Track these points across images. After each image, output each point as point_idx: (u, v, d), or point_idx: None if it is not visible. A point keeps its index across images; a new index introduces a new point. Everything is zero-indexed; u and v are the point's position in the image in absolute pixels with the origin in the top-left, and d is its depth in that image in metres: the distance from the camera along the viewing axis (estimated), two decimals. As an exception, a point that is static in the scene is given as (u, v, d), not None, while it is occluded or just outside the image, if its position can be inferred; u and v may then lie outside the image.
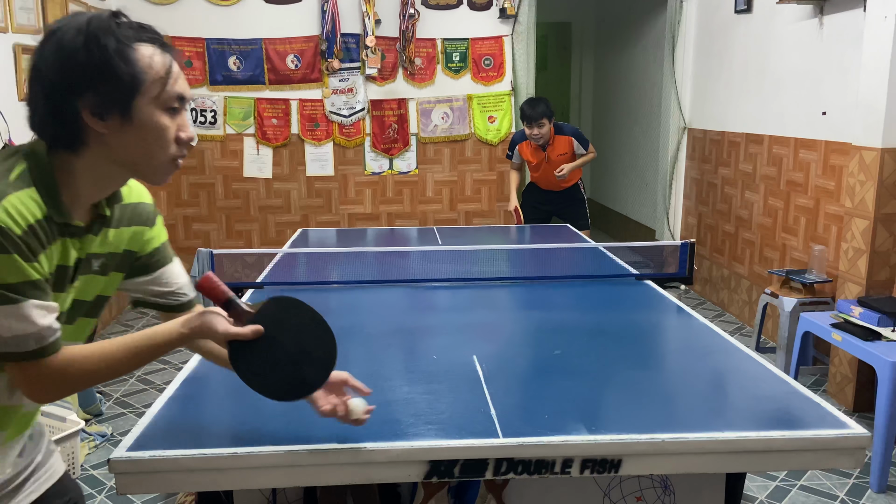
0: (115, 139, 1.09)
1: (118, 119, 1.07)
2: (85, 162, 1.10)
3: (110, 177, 1.15)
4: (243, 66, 5.46)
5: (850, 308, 3.14)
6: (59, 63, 1.04)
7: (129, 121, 1.08)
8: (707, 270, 5.35)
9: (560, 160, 4.55)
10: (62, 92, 1.05)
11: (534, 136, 4.47)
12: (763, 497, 2.70)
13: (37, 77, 1.07)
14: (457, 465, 1.37)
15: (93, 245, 1.18)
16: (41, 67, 1.06)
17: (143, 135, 1.10)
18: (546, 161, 4.58)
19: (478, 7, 5.57)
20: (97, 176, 1.13)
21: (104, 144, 1.09)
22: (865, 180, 3.27)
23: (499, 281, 2.83)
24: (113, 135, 1.08)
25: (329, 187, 5.71)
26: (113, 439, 3.20)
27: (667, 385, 1.75)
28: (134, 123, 1.08)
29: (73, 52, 1.04)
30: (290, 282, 2.80)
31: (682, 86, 5.63)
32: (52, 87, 1.05)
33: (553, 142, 4.54)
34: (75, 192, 1.12)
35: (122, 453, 1.34)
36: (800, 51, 4.06)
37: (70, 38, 1.04)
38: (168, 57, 1.11)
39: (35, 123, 1.09)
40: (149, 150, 1.11)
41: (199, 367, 1.81)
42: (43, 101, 1.07)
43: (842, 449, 1.42)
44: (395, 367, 1.83)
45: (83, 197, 1.13)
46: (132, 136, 1.09)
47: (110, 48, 1.05)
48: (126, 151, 1.10)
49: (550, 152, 4.56)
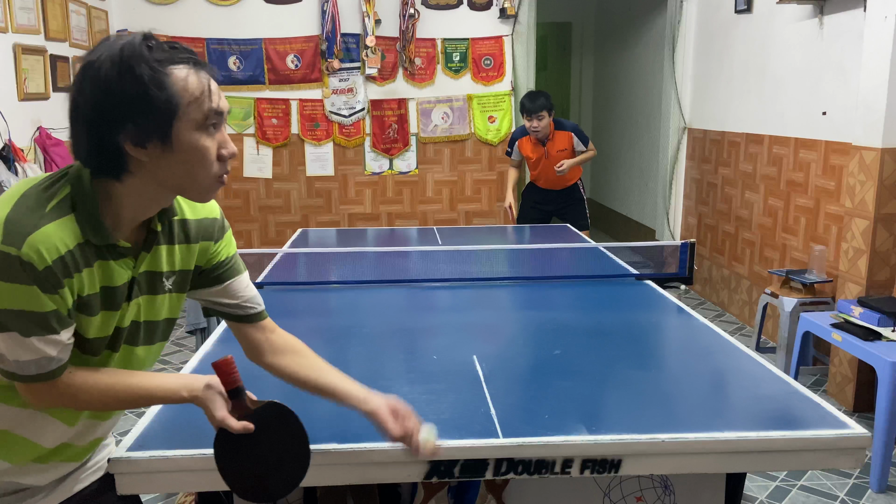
0: (158, 165, 1.09)
1: (159, 146, 1.07)
2: (129, 188, 1.11)
3: (155, 198, 1.15)
4: (243, 66, 5.47)
5: (850, 308, 3.14)
6: (95, 97, 1.04)
7: (170, 146, 1.07)
8: (707, 270, 5.35)
9: (560, 156, 4.53)
10: (102, 126, 1.05)
11: (533, 129, 4.45)
12: (763, 497, 2.70)
13: (76, 112, 1.06)
14: (457, 466, 1.37)
15: (146, 262, 1.19)
16: (80, 102, 1.06)
17: (186, 158, 1.09)
18: (545, 157, 4.57)
19: (478, 7, 5.57)
20: (142, 199, 1.13)
21: (147, 170, 1.09)
22: (865, 180, 3.27)
23: (499, 281, 2.83)
24: (155, 161, 1.08)
25: (329, 187, 5.71)
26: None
27: (667, 385, 1.75)
28: (175, 148, 1.08)
29: (108, 85, 1.03)
30: (290, 282, 2.80)
31: (682, 86, 5.63)
32: (92, 122, 1.05)
33: (553, 137, 4.53)
34: (119, 214, 1.13)
35: (122, 453, 1.34)
36: (800, 51, 4.06)
37: (105, 71, 1.03)
38: (204, 75, 1.10)
39: (79, 154, 1.10)
40: (192, 172, 1.11)
41: (199, 367, 1.81)
42: (85, 135, 1.07)
43: (842, 449, 1.41)
44: (395, 367, 1.83)
45: (127, 219, 1.14)
46: (174, 161, 1.09)
47: (145, 77, 1.03)
48: (170, 175, 1.10)
49: (550, 147, 4.54)
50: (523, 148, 4.69)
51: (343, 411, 1.55)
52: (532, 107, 4.41)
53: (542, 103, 4.41)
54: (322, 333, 2.19)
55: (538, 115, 4.41)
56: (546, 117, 4.43)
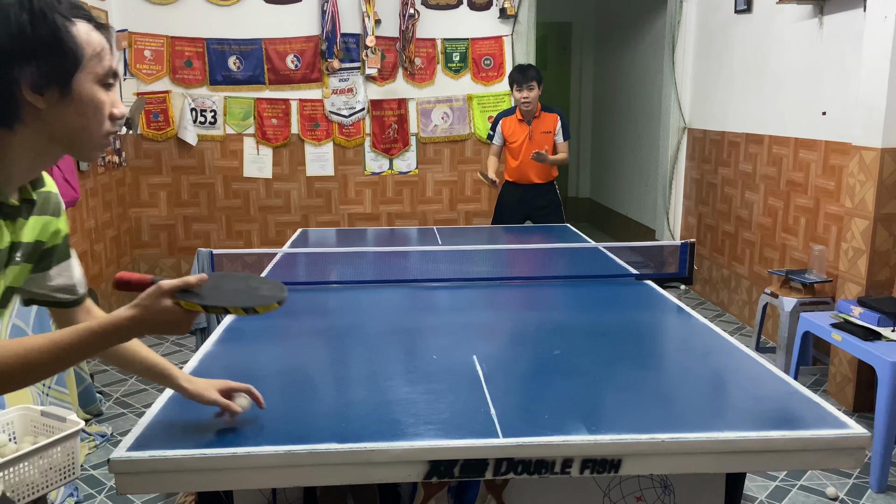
0: (53, 114, 1.09)
1: (57, 94, 1.07)
2: (20, 139, 1.09)
3: (45, 154, 1.14)
4: (243, 66, 5.46)
5: (850, 308, 3.14)
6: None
7: (69, 96, 1.08)
8: (707, 270, 5.35)
9: (543, 139, 4.50)
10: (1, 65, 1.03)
11: (524, 100, 4.46)
12: (763, 497, 2.70)
13: None
14: (457, 465, 1.37)
15: (23, 229, 1.17)
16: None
17: (82, 109, 1.10)
18: (529, 138, 4.53)
19: (478, 7, 5.57)
20: (33, 153, 1.12)
21: (41, 120, 1.08)
22: (865, 180, 3.27)
23: (499, 281, 2.83)
24: (51, 109, 1.08)
25: (329, 187, 5.71)
26: (113, 439, 3.20)
27: (667, 385, 1.75)
28: (73, 98, 1.09)
29: (17, 27, 1.02)
30: (291, 282, 2.80)
31: (682, 86, 5.63)
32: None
33: (539, 115, 4.54)
34: (9, 171, 1.11)
35: (122, 453, 1.34)
36: (800, 51, 4.06)
37: (14, 13, 1.02)
38: (104, 34, 1.13)
39: None
40: (87, 125, 1.12)
41: (199, 367, 1.81)
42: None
43: (842, 449, 1.41)
44: (395, 367, 1.83)
45: (16, 176, 1.12)
46: (71, 111, 1.09)
47: (57, 23, 1.05)
48: (64, 126, 1.10)
49: (535, 127, 4.52)
50: (507, 128, 4.63)
51: (343, 411, 1.55)
52: (523, 77, 4.44)
53: (532, 74, 4.45)
54: (322, 333, 2.19)
55: (528, 86, 4.44)
56: (536, 88, 4.46)
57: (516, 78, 4.49)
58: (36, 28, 1.03)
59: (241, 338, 2.08)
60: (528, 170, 4.62)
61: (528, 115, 4.53)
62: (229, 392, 1.45)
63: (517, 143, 4.60)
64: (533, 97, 4.45)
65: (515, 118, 4.60)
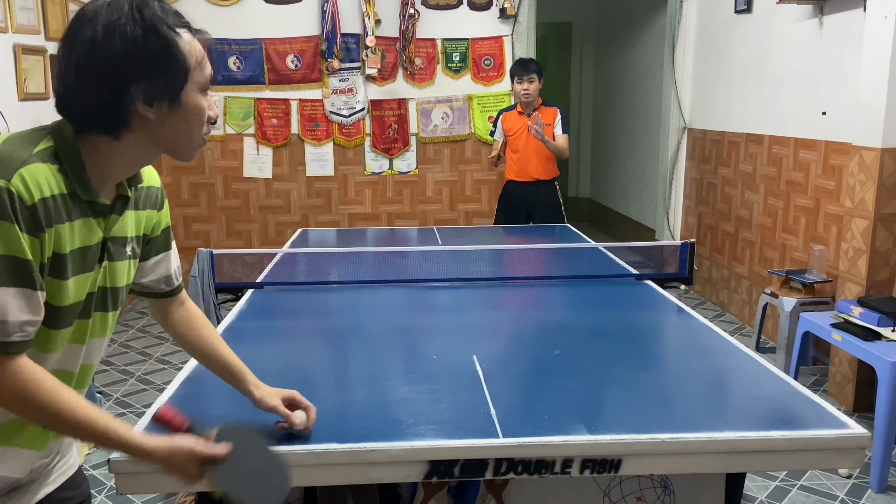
0: (160, 122, 1.11)
1: (167, 105, 1.10)
2: (124, 144, 1.12)
3: (145, 156, 1.17)
4: (243, 66, 5.47)
5: (850, 308, 3.14)
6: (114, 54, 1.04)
7: (178, 106, 1.11)
8: (707, 270, 5.35)
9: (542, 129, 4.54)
10: (116, 82, 1.05)
11: (524, 92, 4.51)
12: (763, 497, 2.70)
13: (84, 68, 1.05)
14: (457, 465, 1.37)
15: (115, 226, 1.18)
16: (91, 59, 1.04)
17: (189, 118, 1.13)
18: (528, 129, 4.55)
19: (478, 7, 5.57)
20: (134, 157, 1.15)
21: (147, 128, 1.11)
22: (865, 180, 3.27)
23: (499, 281, 2.83)
24: (159, 119, 1.11)
25: (329, 187, 5.71)
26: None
27: (667, 385, 1.75)
28: (181, 108, 1.11)
29: (133, 43, 1.04)
30: (291, 282, 2.80)
31: (682, 86, 5.63)
32: (107, 75, 1.05)
33: (539, 108, 4.58)
34: (105, 172, 1.13)
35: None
36: (800, 51, 4.06)
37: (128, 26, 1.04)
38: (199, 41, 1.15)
39: (76, 110, 1.08)
40: (190, 132, 1.15)
41: (199, 367, 1.80)
42: (92, 91, 1.05)
43: (842, 449, 1.42)
44: (395, 367, 1.83)
45: (111, 177, 1.15)
46: (176, 119, 1.12)
47: (168, 38, 1.07)
48: (169, 133, 1.13)
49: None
50: (507, 122, 4.69)
51: (343, 411, 1.56)
52: (524, 70, 4.51)
53: (533, 67, 4.52)
54: (322, 333, 2.19)
55: (529, 78, 4.50)
56: (536, 81, 4.52)
57: (517, 70, 4.55)
58: (150, 43, 1.05)
59: (242, 338, 2.08)
60: (528, 162, 4.64)
61: (528, 108, 4.58)
62: (293, 403, 1.41)
63: (517, 133, 4.66)
64: (533, 90, 4.51)
65: (516, 112, 4.68)
